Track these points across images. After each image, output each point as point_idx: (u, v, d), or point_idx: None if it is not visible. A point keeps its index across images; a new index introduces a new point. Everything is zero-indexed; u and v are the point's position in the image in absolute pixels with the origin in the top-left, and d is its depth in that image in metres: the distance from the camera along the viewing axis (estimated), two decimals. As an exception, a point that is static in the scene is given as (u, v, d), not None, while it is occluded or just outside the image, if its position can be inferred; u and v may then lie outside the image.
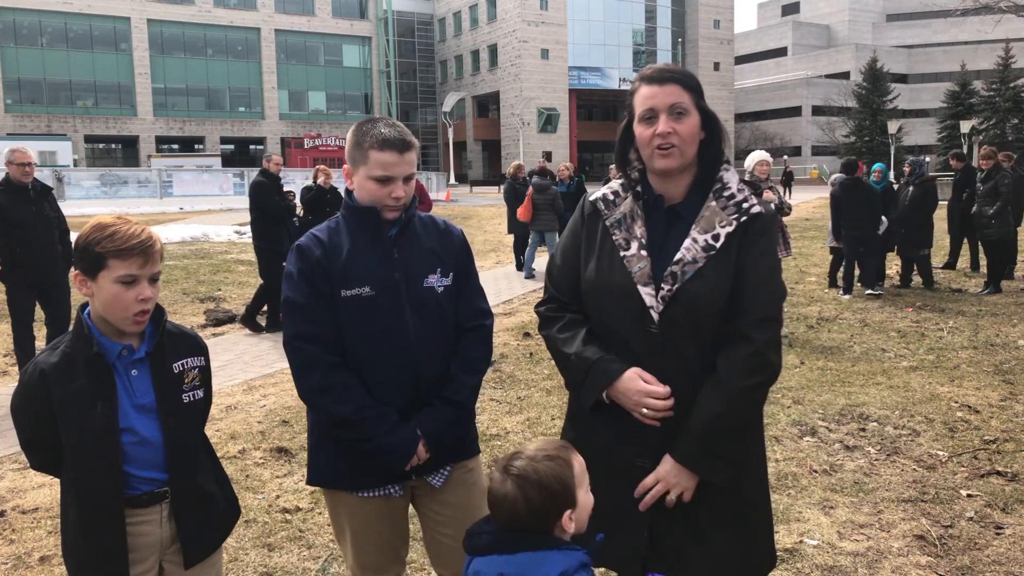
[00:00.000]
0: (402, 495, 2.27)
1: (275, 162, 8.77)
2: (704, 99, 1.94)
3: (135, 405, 1.98)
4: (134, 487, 1.99)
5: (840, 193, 10.09)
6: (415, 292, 2.19)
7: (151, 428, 2.00)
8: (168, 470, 2.03)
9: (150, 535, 2.03)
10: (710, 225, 1.87)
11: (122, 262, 1.89)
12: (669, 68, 1.93)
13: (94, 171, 42.70)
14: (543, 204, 12.40)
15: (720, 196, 1.91)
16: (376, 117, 2.27)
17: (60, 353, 1.96)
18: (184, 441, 2.07)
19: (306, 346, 2.12)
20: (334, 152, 53.58)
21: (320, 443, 2.26)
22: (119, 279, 1.90)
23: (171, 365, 2.04)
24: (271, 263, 8.40)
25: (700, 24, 65.62)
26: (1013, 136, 53.53)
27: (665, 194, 1.94)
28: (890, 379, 6.33)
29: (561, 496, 1.66)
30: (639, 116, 1.90)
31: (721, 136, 1.94)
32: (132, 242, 1.89)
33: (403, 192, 2.16)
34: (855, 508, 3.94)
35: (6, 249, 6.13)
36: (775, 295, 1.91)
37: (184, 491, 2.06)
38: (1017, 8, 26.29)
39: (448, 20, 68.15)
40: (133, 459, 1.98)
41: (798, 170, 60.92)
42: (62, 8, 52.41)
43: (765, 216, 1.91)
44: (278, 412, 5.64)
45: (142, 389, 2.00)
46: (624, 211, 1.96)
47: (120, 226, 1.92)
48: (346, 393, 2.11)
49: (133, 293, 1.91)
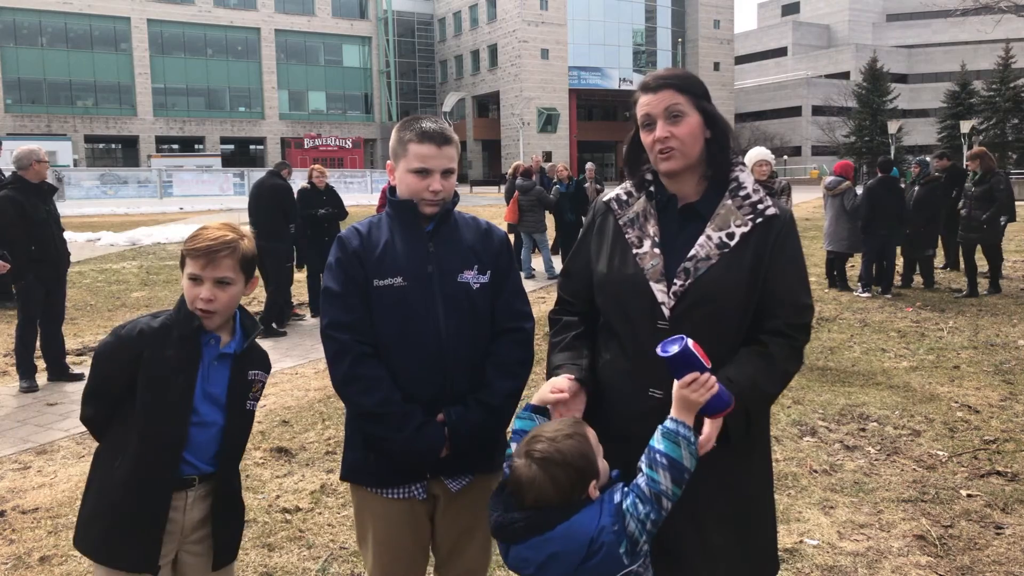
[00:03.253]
0: (425, 499, 2.23)
1: (286, 173, 9.18)
2: (706, 99, 1.94)
3: (205, 391, 2.12)
4: (180, 468, 2.10)
5: (879, 191, 10.04)
6: (448, 286, 2.18)
7: (214, 418, 2.13)
8: (215, 463, 2.15)
9: (175, 521, 2.11)
10: (725, 223, 1.88)
11: (191, 261, 2.09)
12: (664, 74, 1.95)
13: (94, 171, 42.76)
14: (528, 205, 12.39)
15: (736, 195, 1.92)
16: (421, 115, 2.28)
17: (161, 322, 2.13)
18: (237, 441, 2.21)
19: (339, 334, 2.13)
20: (334, 152, 53.65)
21: (351, 437, 2.27)
22: (187, 276, 2.10)
23: (247, 371, 2.19)
24: (280, 261, 8.67)
25: (700, 24, 65.60)
26: (1013, 136, 53.52)
27: (678, 194, 1.96)
28: (890, 379, 6.32)
29: (587, 470, 1.70)
30: (640, 124, 1.95)
31: (727, 134, 1.94)
32: (201, 246, 2.07)
33: (441, 186, 2.17)
34: (855, 508, 3.94)
35: (25, 247, 6.18)
36: (805, 305, 1.93)
37: (226, 489, 2.19)
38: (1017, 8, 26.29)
39: (448, 20, 68.13)
40: (190, 442, 2.10)
41: (797, 170, 61.00)
42: (62, 8, 52.39)
43: (782, 217, 1.91)
44: (278, 412, 5.64)
45: (216, 380, 2.13)
46: (637, 210, 1.97)
47: (205, 230, 2.12)
48: (373, 385, 2.10)
49: (196, 291, 2.08)
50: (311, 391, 6.16)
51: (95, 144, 57.02)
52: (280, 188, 8.82)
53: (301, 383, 6.43)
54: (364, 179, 44.12)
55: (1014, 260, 13.35)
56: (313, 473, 4.49)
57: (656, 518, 1.66)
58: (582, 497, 1.70)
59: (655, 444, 1.70)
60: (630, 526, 1.66)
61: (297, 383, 6.44)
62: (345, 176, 42.76)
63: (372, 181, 43.05)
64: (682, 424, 1.68)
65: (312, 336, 8.43)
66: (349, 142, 56.34)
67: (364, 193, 38.46)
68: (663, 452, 1.67)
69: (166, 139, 57.67)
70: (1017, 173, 38.77)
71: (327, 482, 4.33)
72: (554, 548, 1.65)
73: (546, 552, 1.65)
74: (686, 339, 1.69)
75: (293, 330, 8.77)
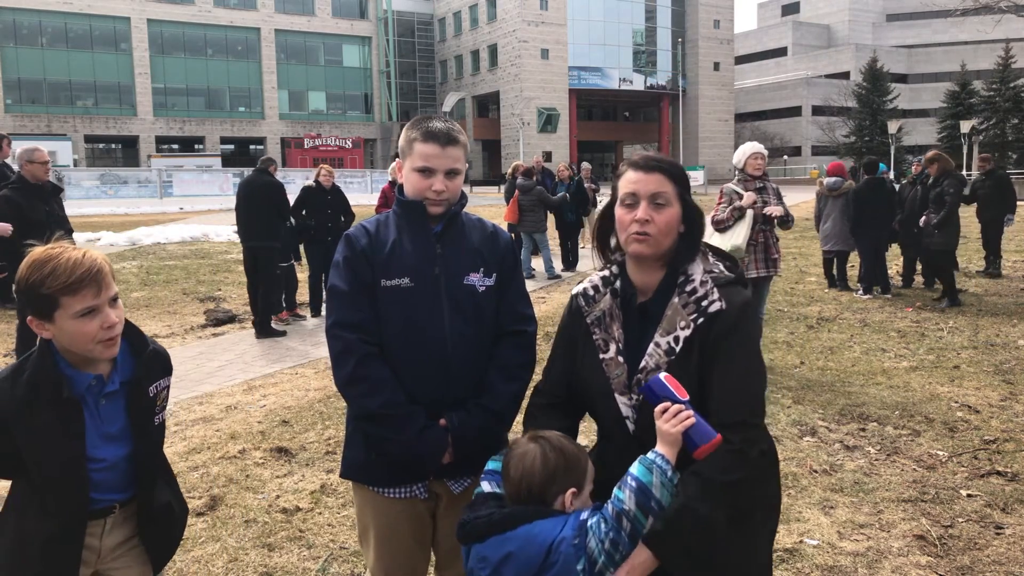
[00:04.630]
0: (426, 498, 2.23)
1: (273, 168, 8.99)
2: (689, 191, 1.94)
3: (103, 435, 1.90)
4: (92, 505, 1.94)
5: (866, 193, 10.01)
6: (454, 288, 2.18)
7: (118, 454, 1.93)
8: (132, 489, 1.99)
9: (91, 548, 1.98)
10: (672, 326, 1.84)
11: (74, 297, 1.75)
12: (657, 157, 1.94)
13: (94, 171, 42.76)
14: (529, 205, 12.40)
15: (683, 291, 1.87)
16: (431, 115, 2.28)
17: (25, 385, 1.81)
18: (150, 461, 2.02)
19: (344, 333, 2.12)
20: (334, 152, 53.64)
21: (352, 435, 2.26)
22: (77, 315, 1.76)
23: (146, 390, 1.96)
24: (273, 261, 8.61)
25: (700, 24, 65.57)
26: (1013, 136, 53.50)
27: (640, 285, 1.94)
28: (890, 379, 6.33)
29: (574, 470, 1.76)
30: (621, 199, 1.91)
31: (700, 231, 1.94)
32: (79, 273, 1.74)
33: (443, 186, 2.15)
34: (855, 508, 3.94)
35: (20, 248, 6.14)
36: (749, 400, 1.80)
37: (147, 506, 2.02)
38: (1017, 8, 26.29)
39: (448, 20, 68.12)
40: (97, 484, 1.92)
41: (797, 170, 60.98)
42: (62, 8, 52.38)
43: (727, 313, 1.81)
44: (278, 412, 5.64)
45: (111, 418, 1.91)
46: (604, 308, 1.97)
47: (59, 259, 1.76)
48: (378, 386, 2.09)
49: (96, 323, 1.78)
50: (311, 391, 6.17)
51: (95, 144, 57.02)
52: (271, 185, 8.61)
53: (301, 383, 6.43)
54: (364, 179, 44.12)
55: (1014, 260, 13.36)
56: (313, 473, 4.49)
57: (615, 538, 1.63)
58: (557, 500, 1.73)
59: (630, 469, 1.72)
60: (590, 543, 1.64)
61: (297, 383, 6.44)
62: (345, 176, 42.71)
63: (372, 181, 43.03)
64: (660, 456, 1.70)
65: (312, 336, 8.43)
66: (349, 142, 56.35)
67: (364, 193, 38.43)
68: (634, 475, 1.69)
69: (166, 139, 57.65)
70: (1017, 173, 38.77)
71: (327, 482, 4.33)
72: (511, 548, 1.66)
73: (503, 551, 1.67)
74: (660, 374, 1.76)
75: (293, 330, 8.77)
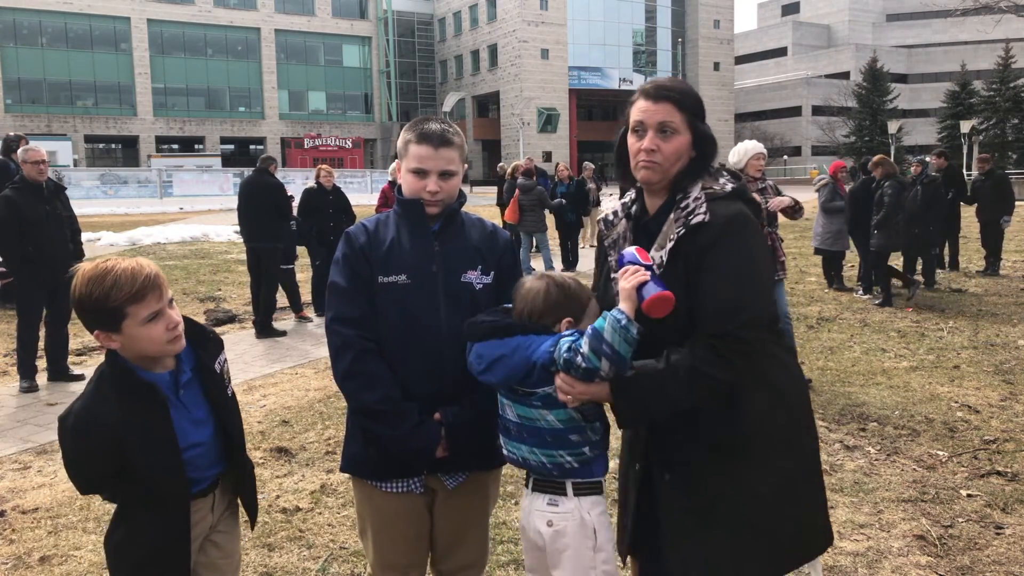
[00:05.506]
0: (423, 493, 2.27)
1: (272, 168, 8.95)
2: (701, 118, 1.96)
3: (192, 421, 2.04)
4: (196, 484, 2.08)
5: (863, 193, 9.98)
6: (451, 286, 2.21)
7: (208, 433, 2.08)
8: (224, 460, 2.14)
9: (202, 522, 2.12)
10: (664, 240, 1.91)
11: (140, 305, 1.87)
12: (668, 85, 1.96)
13: (94, 171, 42.78)
14: (529, 205, 12.40)
15: (677, 208, 1.92)
16: (429, 116, 2.31)
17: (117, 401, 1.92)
18: (236, 430, 2.18)
19: (343, 329, 2.17)
20: (334, 152, 53.62)
21: (352, 429, 2.31)
22: (144, 321, 1.88)
23: (213, 368, 2.11)
24: (275, 261, 8.62)
25: (700, 24, 65.58)
26: (1013, 136, 53.48)
27: (651, 208, 2.02)
28: (890, 379, 6.33)
29: (574, 301, 2.02)
30: (631, 127, 1.98)
31: (711, 156, 1.97)
32: (140, 281, 1.86)
33: (437, 187, 2.19)
34: (855, 508, 3.94)
35: (20, 248, 6.14)
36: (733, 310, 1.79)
37: (241, 471, 2.21)
38: (1017, 8, 26.30)
39: (448, 20, 68.11)
40: (196, 466, 2.05)
41: (797, 170, 60.98)
42: (62, 8, 52.37)
43: (709, 225, 1.83)
44: (278, 412, 5.64)
45: (195, 404, 2.05)
46: (619, 231, 2.08)
47: (117, 271, 1.87)
48: (375, 381, 2.14)
49: (162, 326, 1.91)
50: (311, 391, 6.17)
51: (95, 144, 56.99)
52: (272, 185, 8.58)
53: (301, 383, 6.44)
54: (364, 179, 44.10)
55: (1014, 260, 13.36)
56: (313, 473, 4.49)
57: (569, 359, 1.86)
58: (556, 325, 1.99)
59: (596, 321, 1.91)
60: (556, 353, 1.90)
61: (297, 383, 6.44)
62: (345, 176, 42.69)
63: (372, 181, 43.02)
64: (617, 309, 1.86)
65: (312, 337, 8.43)
66: (349, 142, 56.33)
67: (364, 193, 38.42)
68: (593, 325, 1.87)
69: (166, 139, 57.63)
70: (1017, 173, 38.77)
71: (327, 482, 4.33)
72: (504, 351, 1.97)
73: (497, 352, 1.97)
74: (632, 247, 1.95)
75: (293, 330, 8.77)
